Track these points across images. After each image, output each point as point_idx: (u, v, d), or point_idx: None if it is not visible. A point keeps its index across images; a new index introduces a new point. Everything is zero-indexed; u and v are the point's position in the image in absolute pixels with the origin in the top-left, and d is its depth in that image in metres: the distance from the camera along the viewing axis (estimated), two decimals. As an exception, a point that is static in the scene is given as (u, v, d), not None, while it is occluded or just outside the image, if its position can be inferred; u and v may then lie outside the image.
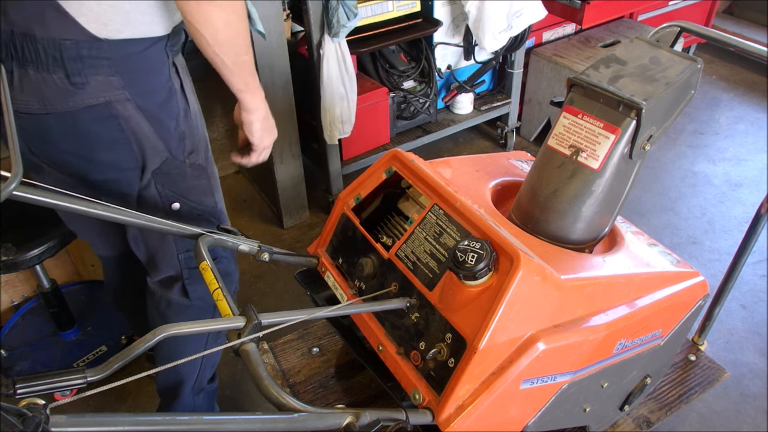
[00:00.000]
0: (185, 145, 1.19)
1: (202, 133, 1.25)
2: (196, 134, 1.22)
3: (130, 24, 1.01)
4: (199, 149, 1.23)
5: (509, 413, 0.99)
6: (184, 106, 1.17)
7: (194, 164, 1.23)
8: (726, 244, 2.37)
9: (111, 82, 1.03)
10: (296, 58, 2.18)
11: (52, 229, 1.65)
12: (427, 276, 1.01)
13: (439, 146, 2.96)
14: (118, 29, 1.00)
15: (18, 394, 0.69)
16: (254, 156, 1.29)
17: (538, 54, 2.73)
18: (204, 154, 1.26)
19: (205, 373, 1.51)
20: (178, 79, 1.15)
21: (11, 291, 2.07)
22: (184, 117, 1.17)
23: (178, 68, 1.15)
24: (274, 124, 1.29)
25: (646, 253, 1.26)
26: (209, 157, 1.29)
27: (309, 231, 2.47)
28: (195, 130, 1.21)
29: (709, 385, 1.55)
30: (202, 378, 1.51)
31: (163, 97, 1.12)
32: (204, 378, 1.51)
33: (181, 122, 1.17)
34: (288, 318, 0.89)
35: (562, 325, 1.00)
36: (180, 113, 1.16)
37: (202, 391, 1.52)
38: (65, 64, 0.98)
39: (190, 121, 1.19)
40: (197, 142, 1.22)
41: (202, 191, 1.27)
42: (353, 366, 1.51)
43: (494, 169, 1.36)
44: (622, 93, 1.07)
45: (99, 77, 1.01)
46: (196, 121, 1.22)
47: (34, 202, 0.88)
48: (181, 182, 1.22)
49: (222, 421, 0.72)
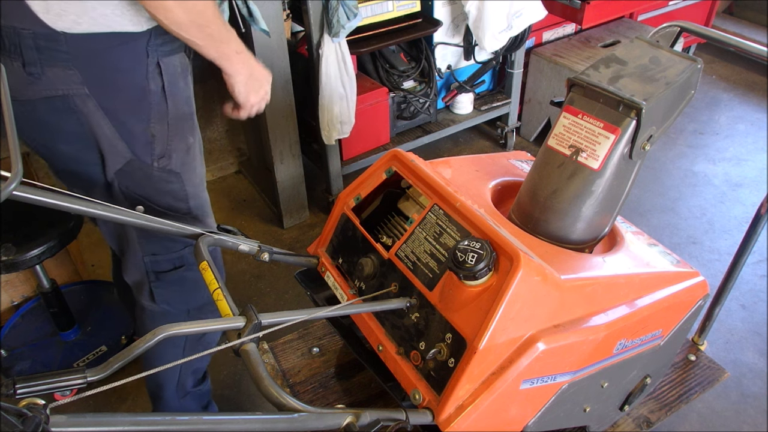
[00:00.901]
0: (153, 149, 1.15)
1: (183, 138, 1.20)
2: (173, 139, 1.17)
3: (87, 17, 0.98)
4: (172, 154, 1.18)
5: (509, 413, 0.99)
6: (159, 109, 1.13)
7: (164, 168, 1.18)
8: (726, 244, 2.37)
9: (69, 76, 1.02)
10: (296, 58, 2.18)
11: (52, 229, 1.65)
12: (427, 276, 1.01)
13: (439, 146, 2.96)
14: (75, 21, 0.98)
15: (18, 394, 0.69)
16: (243, 113, 1.28)
17: (538, 54, 2.73)
18: (180, 159, 1.20)
19: (186, 379, 1.49)
20: (160, 80, 1.11)
21: (11, 291, 2.07)
22: (158, 120, 1.13)
23: (162, 69, 1.10)
24: (262, 81, 1.25)
25: (646, 253, 1.26)
26: (189, 163, 1.23)
27: (309, 231, 2.47)
28: (172, 134, 1.17)
29: (709, 385, 1.55)
30: (184, 383, 1.49)
31: (133, 97, 1.09)
32: (186, 383, 1.49)
33: (152, 125, 1.13)
34: (288, 318, 0.89)
35: (562, 325, 1.00)
36: (152, 116, 1.12)
37: (187, 395, 1.51)
38: (22, 53, 0.98)
39: (165, 125, 1.15)
40: (171, 147, 1.18)
41: (172, 197, 1.23)
42: (353, 366, 1.51)
43: (494, 169, 1.36)
44: (622, 93, 1.07)
45: (56, 69, 1.01)
46: (177, 125, 1.17)
47: (34, 202, 0.88)
48: (147, 185, 1.19)
49: (222, 421, 0.72)
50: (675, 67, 1.13)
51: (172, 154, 1.19)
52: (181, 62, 1.17)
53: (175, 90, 1.15)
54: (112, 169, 1.14)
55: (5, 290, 2.05)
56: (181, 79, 1.17)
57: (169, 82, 1.13)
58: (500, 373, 0.93)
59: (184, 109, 1.19)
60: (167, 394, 1.48)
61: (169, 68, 1.13)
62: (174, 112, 1.16)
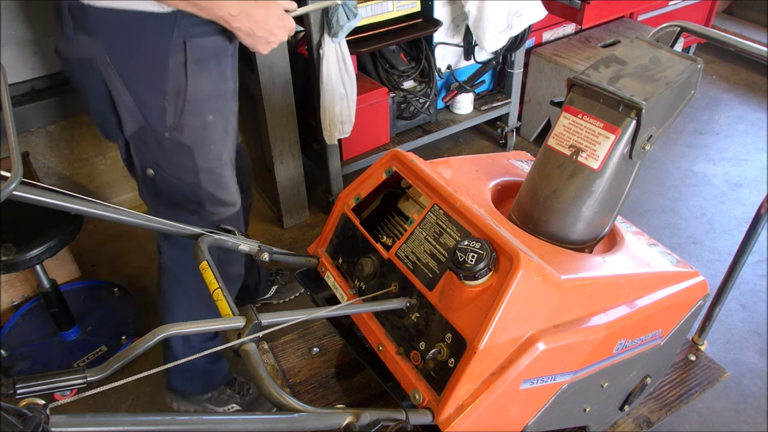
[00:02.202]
0: (165, 120, 1.22)
1: (199, 115, 1.25)
2: (188, 114, 1.23)
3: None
4: (184, 128, 1.24)
5: (509, 413, 0.99)
6: (176, 85, 1.20)
7: (174, 140, 1.25)
8: (726, 244, 2.37)
9: (94, 43, 1.15)
10: (296, 58, 2.18)
11: (52, 229, 1.65)
12: (427, 276, 1.01)
13: (439, 146, 2.96)
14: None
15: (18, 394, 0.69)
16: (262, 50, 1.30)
17: (538, 54, 2.73)
18: (194, 134, 1.26)
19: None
20: (183, 58, 1.18)
21: (11, 291, 2.07)
22: (174, 95, 1.20)
23: (187, 48, 1.17)
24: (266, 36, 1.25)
25: (646, 253, 1.26)
26: (204, 139, 1.29)
27: (309, 231, 2.47)
28: (188, 110, 1.23)
29: (709, 385, 1.55)
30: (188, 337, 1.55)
31: (150, 70, 1.18)
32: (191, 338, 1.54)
33: (167, 98, 1.20)
34: (288, 318, 0.89)
35: (562, 325, 1.00)
36: (168, 90, 1.20)
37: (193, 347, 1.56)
38: (62, 19, 1.15)
39: (180, 101, 1.21)
40: (184, 122, 1.24)
41: (182, 168, 1.30)
42: (353, 366, 1.51)
43: (494, 169, 1.36)
44: (622, 93, 1.07)
45: (84, 36, 1.15)
46: (194, 102, 1.23)
47: (34, 202, 0.88)
48: (158, 152, 1.28)
49: (222, 421, 0.72)
50: (675, 67, 1.13)
51: (184, 128, 1.25)
52: (216, 45, 1.23)
53: (198, 69, 1.21)
54: (128, 132, 1.26)
55: (5, 290, 2.05)
56: (211, 61, 1.23)
57: (193, 61, 1.20)
58: (500, 373, 0.93)
59: (207, 89, 1.25)
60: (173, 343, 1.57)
61: (197, 48, 1.19)
62: (193, 90, 1.22)
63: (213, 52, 1.23)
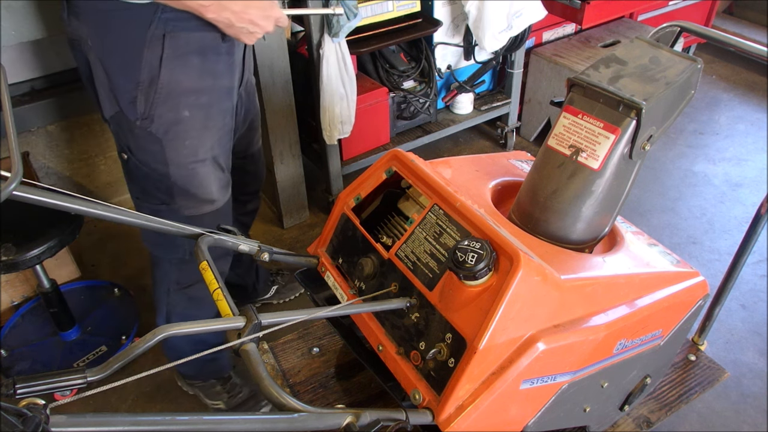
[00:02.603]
0: (137, 109, 1.23)
1: (173, 109, 1.25)
2: (159, 106, 1.23)
3: None
4: (154, 119, 1.25)
5: (509, 413, 0.99)
6: (150, 76, 1.20)
7: (144, 129, 1.26)
8: (726, 244, 2.37)
9: (80, 27, 1.19)
10: (296, 58, 2.18)
11: (52, 229, 1.65)
12: (427, 276, 1.01)
13: (439, 146, 2.96)
14: None
15: (18, 394, 0.69)
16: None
17: (538, 54, 2.73)
18: (164, 127, 1.26)
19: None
20: (160, 50, 1.18)
21: (11, 291, 2.07)
22: (147, 85, 1.21)
23: (166, 42, 1.17)
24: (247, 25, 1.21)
25: (646, 253, 1.26)
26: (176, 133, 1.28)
27: (309, 231, 2.47)
28: (159, 102, 1.23)
29: (709, 385, 1.55)
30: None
31: (126, 59, 1.19)
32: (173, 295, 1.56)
33: (140, 89, 1.21)
34: (288, 318, 0.89)
35: (562, 325, 1.00)
36: (142, 81, 1.20)
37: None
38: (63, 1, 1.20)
39: (152, 92, 1.21)
40: (155, 113, 1.24)
41: (151, 157, 1.31)
42: (353, 366, 1.51)
43: (494, 169, 1.36)
44: (622, 93, 1.07)
45: (74, 18, 1.19)
46: (168, 95, 1.23)
47: (34, 202, 0.88)
48: (130, 138, 1.29)
49: (222, 421, 0.72)
50: (675, 67, 1.13)
51: (155, 119, 1.25)
52: (202, 40, 1.22)
53: (178, 64, 1.21)
54: (106, 114, 1.28)
55: (5, 290, 2.05)
56: (193, 56, 1.22)
57: (171, 55, 1.20)
58: (500, 373, 0.93)
59: (185, 84, 1.24)
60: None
61: (178, 43, 1.19)
62: (168, 84, 1.22)
63: (197, 47, 1.22)
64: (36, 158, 2.27)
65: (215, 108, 1.33)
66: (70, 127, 2.28)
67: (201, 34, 1.21)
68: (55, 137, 2.28)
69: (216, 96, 1.32)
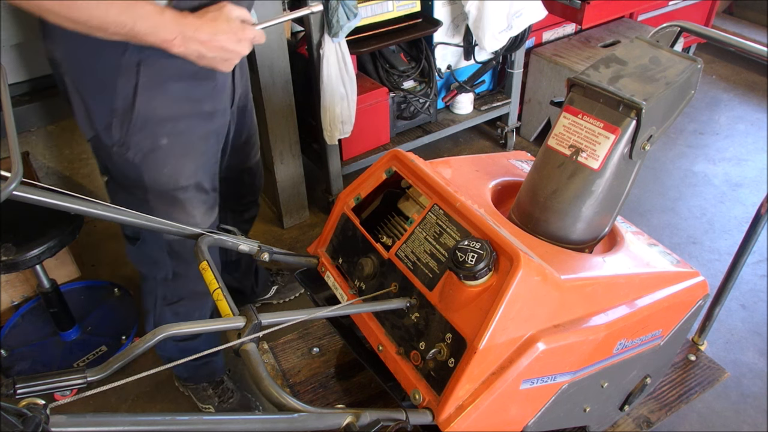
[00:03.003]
0: (112, 135, 1.20)
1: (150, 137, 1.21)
2: (135, 134, 1.19)
3: None
4: (130, 146, 1.21)
5: (509, 413, 0.99)
6: (124, 104, 1.16)
7: (121, 155, 1.22)
8: (726, 244, 2.37)
9: (56, 49, 1.14)
10: (296, 58, 2.18)
11: (52, 229, 1.65)
12: (427, 276, 1.01)
13: (439, 146, 2.96)
14: None
15: (18, 394, 0.69)
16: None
17: (538, 54, 2.73)
18: (141, 154, 1.22)
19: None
20: (134, 78, 1.13)
21: (11, 291, 2.07)
22: (122, 112, 1.17)
23: (141, 69, 1.12)
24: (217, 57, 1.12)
25: (646, 253, 1.26)
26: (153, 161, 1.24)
27: (309, 231, 2.47)
28: (134, 130, 1.19)
29: (709, 385, 1.55)
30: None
31: (99, 85, 1.15)
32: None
33: (115, 116, 1.17)
34: (288, 318, 0.89)
35: (562, 325, 1.00)
36: (116, 109, 1.17)
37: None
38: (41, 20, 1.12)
39: (128, 120, 1.17)
40: (130, 141, 1.20)
41: (130, 182, 1.29)
42: (353, 366, 1.51)
43: (494, 169, 1.36)
44: (622, 93, 1.07)
45: (49, 40, 1.14)
46: (144, 123, 1.18)
47: (34, 202, 0.88)
48: (108, 162, 1.27)
49: (222, 421, 0.72)
50: (675, 67, 1.13)
51: (131, 146, 1.22)
52: (181, 67, 1.15)
53: (154, 92, 1.16)
54: (86, 135, 1.25)
55: (5, 290, 2.05)
56: (171, 84, 1.17)
57: (147, 83, 1.15)
58: (500, 373, 0.93)
59: (162, 112, 1.19)
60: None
61: (153, 71, 1.14)
62: (144, 112, 1.18)
63: (174, 74, 1.17)
64: (36, 158, 2.27)
65: (196, 134, 1.28)
66: (70, 127, 2.28)
67: (178, 61, 1.12)
68: (55, 137, 2.28)
69: (196, 123, 1.26)
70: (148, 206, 1.31)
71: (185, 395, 1.83)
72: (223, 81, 1.30)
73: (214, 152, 1.37)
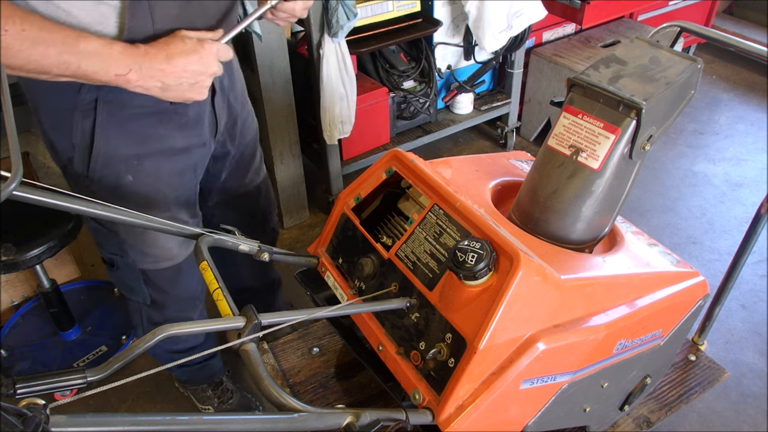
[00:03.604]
0: (75, 168, 1.15)
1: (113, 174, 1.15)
2: (97, 170, 1.14)
3: None
4: (94, 180, 1.16)
5: (509, 413, 0.99)
6: (84, 142, 1.10)
7: (88, 188, 1.17)
8: (726, 244, 2.37)
9: (20, 80, 1.06)
10: (296, 58, 2.18)
11: (52, 229, 1.65)
12: (427, 276, 1.01)
13: (439, 146, 2.96)
14: None
15: (18, 394, 0.69)
16: None
17: (538, 54, 2.73)
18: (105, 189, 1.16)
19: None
20: (92, 115, 1.07)
21: (11, 291, 2.07)
22: (83, 149, 1.11)
23: (98, 106, 1.06)
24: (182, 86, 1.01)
25: (646, 253, 1.26)
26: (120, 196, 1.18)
27: (309, 231, 2.47)
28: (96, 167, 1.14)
29: (709, 385, 1.55)
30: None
31: (57, 122, 1.09)
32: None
33: (76, 150, 1.12)
34: (288, 318, 0.89)
35: (562, 325, 1.00)
36: (76, 144, 1.11)
37: None
38: None
39: (88, 157, 1.12)
40: (94, 176, 1.15)
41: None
42: (353, 366, 1.51)
43: (494, 169, 1.36)
44: (622, 93, 1.07)
45: None
46: (105, 162, 1.13)
47: (34, 202, 0.88)
48: (76, 190, 1.19)
49: (222, 421, 0.72)
50: (675, 67, 1.13)
51: (95, 181, 1.16)
52: (143, 103, 1.09)
53: (112, 131, 1.10)
54: (60, 165, 1.19)
55: (5, 290, 2.05)
56: (132, 123, 1.11)
57: (106, 121, 1.08)
58: (500, 373, 0.93)
59: (124, 151, 1.13)
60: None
61: (113, 109, 1.08)
62: (104, 150, 1.12)
63: (137, 110, 1.09)
64: (36, 158, 2.27)
65: (165, 171, 1.21)
66: (70, 127, 2.28)
67: (139, 97, 1.02)
68: (55, 137, 2.28)
69: (165, 160, 1.19)
70: (118, 238, 1.27)
71: (185, 396, 1.83)
72: (197, 114, 1.20)
73: (189, 186, 1.31)
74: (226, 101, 1.30)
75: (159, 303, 1.43)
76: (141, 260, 1.32)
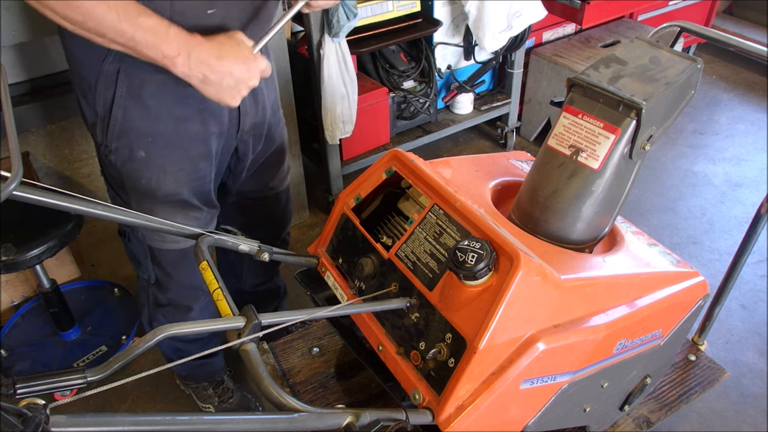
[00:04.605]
0: (97, 135, 1.20)
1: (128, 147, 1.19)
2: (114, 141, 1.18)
3: None
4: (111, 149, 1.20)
5: (509, 413, 0.99)
6: (104, 111, 1.14)
7: (107, 156, 1.22)
8: (726, 244, 2.37)
9: (64, 40, 1.13)
10: (296, 58, 2.18)
11: (52, 229, 1.65)
12: (427, 276, 1.01)
13: (439, 146, 2.96)
14: None
15: (18, 394, 0.69)
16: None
17: (538, 54, 2.73)
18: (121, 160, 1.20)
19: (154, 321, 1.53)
20: (113, 88, 1.11)
21: (11, 291, 2.07)
22: (102, 118, 1.15)
23: (119, 78, 1.10)
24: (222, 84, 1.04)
25: (646, 253, 1.26)
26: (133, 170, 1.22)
27: (309, 231, 2.47)
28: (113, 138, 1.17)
29: (709, 385, 1.55)
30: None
31: (84, 87, 1.15)
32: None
33: (98, 118, 1.17)
34: (288, 318, 0.89)
35: (562, 325, 1.00)
36: (99, 112, 1.15)
37: None
38: None
39: (106, 127, 1.16)
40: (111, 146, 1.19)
41: (114, 182, 1.28)
42: (353, 366, 1.51)
43: (494, 169, 1.36)
44: (622, 93, 1.07)
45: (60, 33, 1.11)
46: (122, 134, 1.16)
47: (34, 202, 0.88)
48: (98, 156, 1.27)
49: (222, 421, 0.72)
50: (675, 67, 1.13)
51: (112, 151, 1.21)
52: (163, 82, 1.12)
53: (129, 104, 1.13)
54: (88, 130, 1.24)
55: (5, 290, 2.05)
56: (150, 99, 1.13)
57: (124, 94, 1.12)
58: (500, 373, 0.93)
59: (140, 126, 1.16)
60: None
61: (133, 82, 1.11)
62: (120, 122, 1.15)
63: (155, 89, 1.12)
64: (36, 158, 2.27)
65: (178, 154, 1.22)
66: (70, 127, 2.28)
67: (161, 75, 1.06)
68: (55, 137, 2.28)
69: (179, 142, 1.21)
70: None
71: (186, 395, 1.83)
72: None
73: (203, 174, 1.31)
74: (255, 101, 1.32)
75: (163, 285, 1.45)
76: (149, 237, 1.36)
